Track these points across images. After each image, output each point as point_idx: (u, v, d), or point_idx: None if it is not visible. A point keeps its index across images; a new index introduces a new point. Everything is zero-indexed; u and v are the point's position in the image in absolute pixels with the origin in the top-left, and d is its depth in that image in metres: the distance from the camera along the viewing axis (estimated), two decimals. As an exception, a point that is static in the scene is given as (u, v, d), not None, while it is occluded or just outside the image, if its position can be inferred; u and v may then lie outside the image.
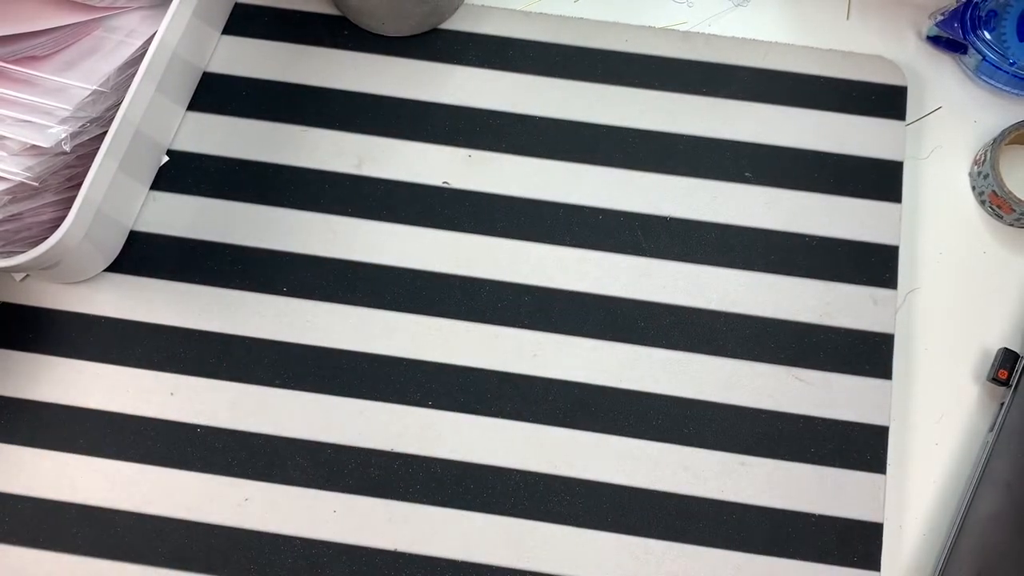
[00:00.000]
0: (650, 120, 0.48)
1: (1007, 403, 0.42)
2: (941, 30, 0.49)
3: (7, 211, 0.40)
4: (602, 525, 0.42)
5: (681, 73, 0.49)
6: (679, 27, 0.50)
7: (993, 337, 0.46)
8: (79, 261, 0.43)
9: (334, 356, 0.44)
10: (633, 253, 0.46)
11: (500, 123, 0.48)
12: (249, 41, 0.49)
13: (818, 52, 0.49)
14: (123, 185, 0.43)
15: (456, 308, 0.45)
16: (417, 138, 0.48)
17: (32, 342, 0.44)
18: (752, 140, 0.48)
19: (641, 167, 0.47)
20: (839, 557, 0.42)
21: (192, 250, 0.46)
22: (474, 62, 0.49)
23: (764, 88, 0.49)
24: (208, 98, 0.48)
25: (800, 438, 0.43)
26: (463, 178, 0.47)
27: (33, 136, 0.40)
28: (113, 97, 0.43)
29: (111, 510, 0.42)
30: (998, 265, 0.47)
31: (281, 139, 0.48)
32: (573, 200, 0.47)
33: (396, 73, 0.49)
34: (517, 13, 0.50)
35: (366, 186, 0.47)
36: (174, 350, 0.44)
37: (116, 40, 0.44)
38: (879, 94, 0.49)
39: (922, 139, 0.49)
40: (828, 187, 0.47)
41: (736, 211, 0.47)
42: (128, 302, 0.45)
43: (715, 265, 0.46)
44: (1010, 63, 0.48)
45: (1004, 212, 0.47)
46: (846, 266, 0.46)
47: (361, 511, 0.42)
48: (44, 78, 0.41)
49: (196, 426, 0.43)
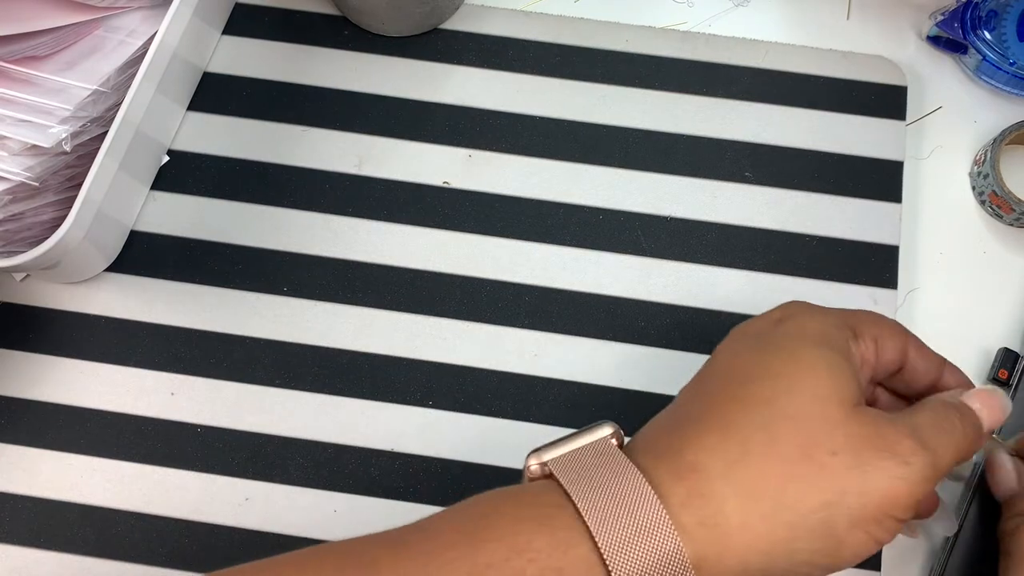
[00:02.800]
0: (650, 120, 0.48)
1: (1007, 403, 0.42)
2: (941, 30, 0.49)
3: (7, 211, 0.40)
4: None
5: (681, 73, 0.49)
6: (679, 27, 0.50)
7: (993, 337, 0.46)
8: (79, 261, 0.43)
9: (334, 356, 0.44)
10: (633, 253, 0.46)
11: (500, 123, 0.48)
12: (249, 41, 0.49)
13: (818, 52, 0.50)
14: (123, 185, 0.43)
15: (456, 308, 0.45)
16: (417, 138, 0.48)
17: (32, 342, 0.44)
18: (752, 140, 0.48)
19: (641, 167, 0.47)
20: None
21: (192, 250, 0.46)
22: (474, 62, 0.49)
23: (764, 88, 0.49)
24: (208, 98, 0.48)
25: (800, 438, 0.43)
26: (463, 178, 0.47)
27: (33, 136, 0.40)
28: (113, 97, 0.43)
29: (111, 510, 0.42)
30: (998, 265, 0.47)
31: (281, 139, 0.48)
32: (573, 200, 0.47)
33: (396, 73, 0.49)
34: (517, 13, 0.50)
35: (366, 186, 0.47)
36: (174, 350, 0.44)
37: (116, 40, 0.44)
38: (879, 94, 0.49)
39: (922, 139, 0.49)
40: (828, 187, 0.47)
41: (736, 211, 0.47)
42: (128, 302, 0.45)
43: (715, 265, 0.46)
44: (1010, 63, 0.48)
45: (1004, 212, 0.47)
46: (846, 266, 0.46)
47: (361, 511, 0.42)
48: (44, 78, 0.41)
49: (196, 426, 0.43)
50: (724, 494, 0.27)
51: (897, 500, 0.27)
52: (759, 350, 0.30)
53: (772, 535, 0.27)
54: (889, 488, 0.27)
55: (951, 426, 0.30)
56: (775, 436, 0.27)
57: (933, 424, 0.29)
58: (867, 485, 0.27)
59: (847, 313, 0.32)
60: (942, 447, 0.29)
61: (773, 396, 0.28)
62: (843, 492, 0.27)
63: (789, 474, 0.27)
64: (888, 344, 0.32)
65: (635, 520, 0.27)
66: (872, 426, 0.28)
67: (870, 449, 0.27)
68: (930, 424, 0.29)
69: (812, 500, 0.27)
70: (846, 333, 0.31)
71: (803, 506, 0.27)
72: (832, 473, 0.27)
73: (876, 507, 0.27)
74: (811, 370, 0.29)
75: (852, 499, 0.27)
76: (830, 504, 0.27)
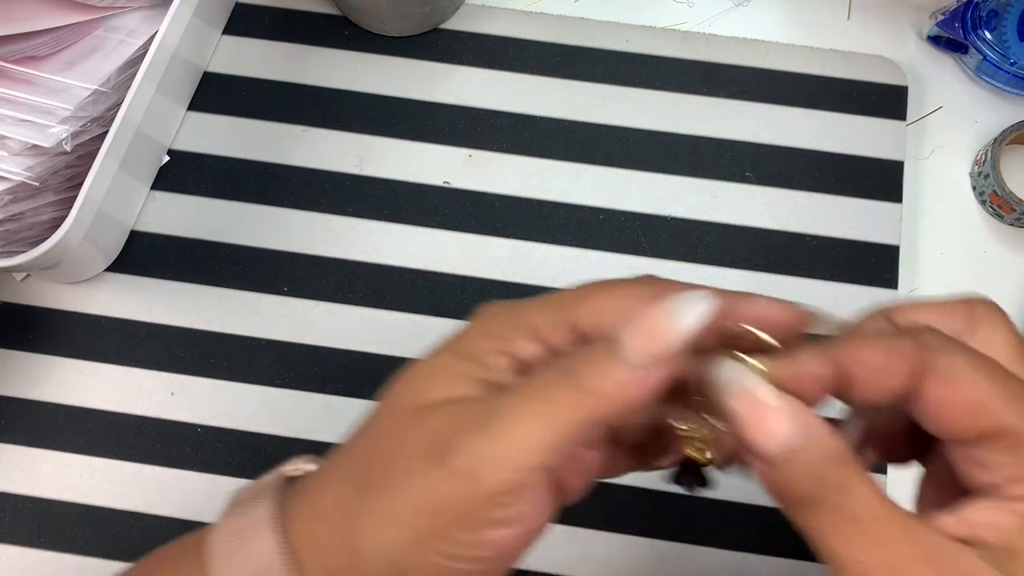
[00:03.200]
0: (650, 120, 0.48)
1: (1008, 403, 0.42)
2: (942, 30, 0.49)
3: (8, 211, 0.40)
4: (614, 527, 0.42)
5: (682, 73, 0.49)
6: (680, 27, 0.50)
7: (994, 337, 0.45)
8: (79, 261, 0.43)
9: (334, 356, 0.44)
10: (633, 253, 0.46)
11: (500, 123, 0.48)
12: (249, 41, 0.49)
13: (819, 52, 0.49)
14: (124, 185, 0.43)
15: (456, 308, 0.45)
16: (417, 138, 0.48)
17: (32, 342, 0.44)
18: (753, 140, 0.48)
19: (641, 167, 0.47)
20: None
21: (192, 250, 0.46)
22: (474, 62, 0.49)
23: (765, 88, 0.49)
24: (209, 98, 0.48)
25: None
26: (463, 178, 0.47)
27: (34, 136, 0.40)
28: (114, 97, 0.43)
29: (111, 510, 0.42)
30: (999, 265, 0.47)
31: (281, 139, 0.48)
32: (573, 200, 0.47)
33: (396, 73, 0.49)
34: (517, 13, 0.50)
35: (366, 186, 0.47)
36: (174, 350, 0.44)
37: (116, 40, 0.44)
38: (880, 94, 0.49)
39: (923, 139, 0.49)
40: (829, 187, 0.47)
41: (737, 211, 0.47)
42: (128, 302, 0.45)
43: (715, 265, 0.46)
44: (1011, 63, 0.48)
45: (1005, 212, 0.47)
46: (847, 266, 0.46)
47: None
48: (45, 78, 0.41)
49: (196, 426, 0.43)
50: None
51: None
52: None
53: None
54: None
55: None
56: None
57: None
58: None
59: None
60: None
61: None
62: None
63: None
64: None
65: (245, 543, 0.25)
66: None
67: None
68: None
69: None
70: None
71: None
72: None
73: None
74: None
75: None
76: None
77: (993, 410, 0.22)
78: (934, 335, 0.23)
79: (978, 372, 0.22)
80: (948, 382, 0.22)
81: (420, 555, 0.23)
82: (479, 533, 0.23)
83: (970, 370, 0.22)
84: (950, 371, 0.22)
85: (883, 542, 0.22)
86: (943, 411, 0.23)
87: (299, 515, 0.25)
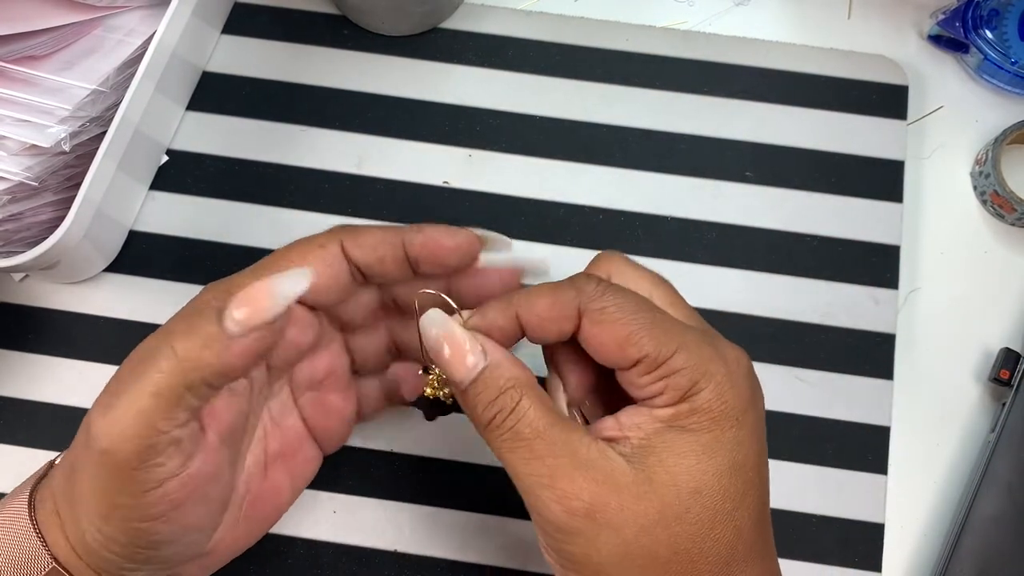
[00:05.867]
0: (650, 119, 0.48)
1: (1008, 403, 0.42)
2: (942, 29, 0.49)
3: (6, 211, 0.40)
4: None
5: (682, 72, 0.49)
6: (680, 26, 0.50)
7: (994, 337, 0.45)
8: (79, 261, 0.43)
9: (334, 356, 0.44)
10: (633, 253, 0.46)
11: (500, 123, 0.48)
12: (249, 40, 0.49)
13: (819, 51, 0.49)
14: (122, 185, 0.43)
15: (456, 308, 0.45)
16: (417, 138, 0.48)
17: (31, 342, 0.44)
18: (753, 139, 0.48)
19: (641, 167, 0.47)
20: (840, 558, 0.42)
21: (192, 250, 0.46)
22: (474, 61, 0.49)
23: (765, 87, 0.49)
24: (208, 98, 0.48)
25: (801, 438, 0.43)
26: (463, 178, 0.47)
27: (32, 136, 0.39)
28: (113, 97, 0.43)
29: (110, 510, 0.42)
30: (1000, 265, 0.47)
31: (281, 139, 0.48)
32: (573, 200, 0.47)
33: (396, 73, 0.49)
34: (517, 12, 0.50)
35: (366, 186, 0.47)
36: (174, 350, 0.44)
37: (116, 39, 0.44)
38: (880, 93, 0.49)
39: (923, 138, 0.49)
40: (829, 186, 0.47)
41: (736, 211, 0.47)
42: (128, 302, 0.45)
43: (715, 265, 0.46)
44: (1012, 62, 0.48)
45: (1006, 212, 0.46)
46: (847, 266, 0.46)
47: (361, 511, 0.42)
48: (43, 77, 0.41)
49: (196, 426, 0.43)
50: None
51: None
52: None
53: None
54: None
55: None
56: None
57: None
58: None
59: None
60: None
61: None
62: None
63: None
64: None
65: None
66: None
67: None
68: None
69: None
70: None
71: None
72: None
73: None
74: None
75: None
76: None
77: (635, 341, 0.27)
78: (590, 282, 0.28)
79: (623, 311, 0.27)
80: (600, 323, 0.28)
81: (118, 528, 0.27)
82: (142, 497, 0.27)
83: (616, 311, 0.27)
84: (602, 313, 0.28)
85: (543, 456, 0.27)
86: (601, 347, 0.28)
87: (41, 496, 0.30)
